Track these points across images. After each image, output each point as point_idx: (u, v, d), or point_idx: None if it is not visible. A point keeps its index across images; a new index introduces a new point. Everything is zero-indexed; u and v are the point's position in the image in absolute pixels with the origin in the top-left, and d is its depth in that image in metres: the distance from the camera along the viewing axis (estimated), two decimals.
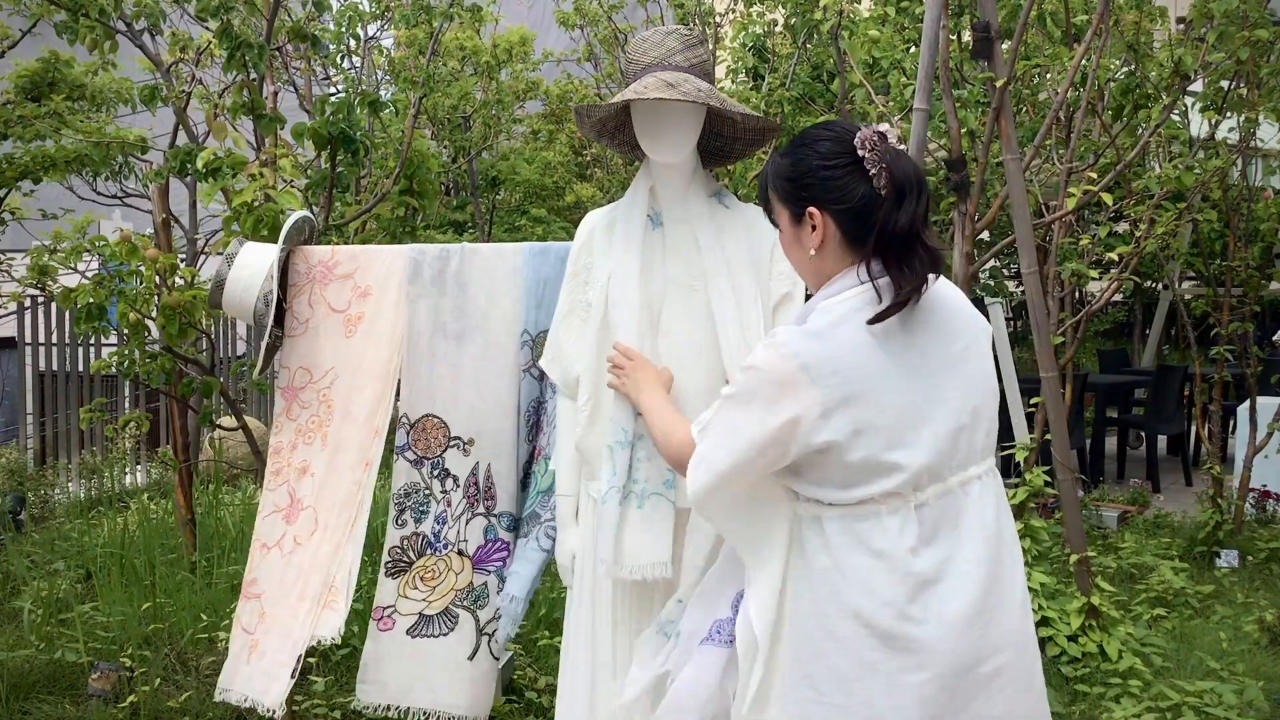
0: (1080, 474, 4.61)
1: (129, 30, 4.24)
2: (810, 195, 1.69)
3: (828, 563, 1.64)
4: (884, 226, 1.63)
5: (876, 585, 1.62)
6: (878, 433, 1.61)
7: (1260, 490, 5.87)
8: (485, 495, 2.66)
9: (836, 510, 1.65)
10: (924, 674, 1.60)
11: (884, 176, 1.63)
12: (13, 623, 4.05)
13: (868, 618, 1.61)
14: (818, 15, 4.43)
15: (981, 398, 1.70)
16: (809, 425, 1.60)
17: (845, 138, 1.67)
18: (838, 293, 1.67)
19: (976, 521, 1.67)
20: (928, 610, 1.61)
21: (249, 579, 2.71)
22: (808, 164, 1.69)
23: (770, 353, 1.63)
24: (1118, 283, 4.49)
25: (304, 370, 2.73)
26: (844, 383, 1.60)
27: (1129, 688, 3.46)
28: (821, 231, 1.69)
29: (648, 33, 2.22)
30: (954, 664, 1.62)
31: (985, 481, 1.70)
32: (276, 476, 2.74)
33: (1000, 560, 1.68)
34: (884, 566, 1.62)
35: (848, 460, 1.61)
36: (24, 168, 6.44)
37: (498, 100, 8.05)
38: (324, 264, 2.74)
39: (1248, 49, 4.08)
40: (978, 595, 1.64)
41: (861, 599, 1.62)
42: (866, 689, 1.61)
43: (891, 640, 1.61)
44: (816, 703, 1.64)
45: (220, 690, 2.68)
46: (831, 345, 1.61)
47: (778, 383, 1.61)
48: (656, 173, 2.24)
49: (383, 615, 2.64)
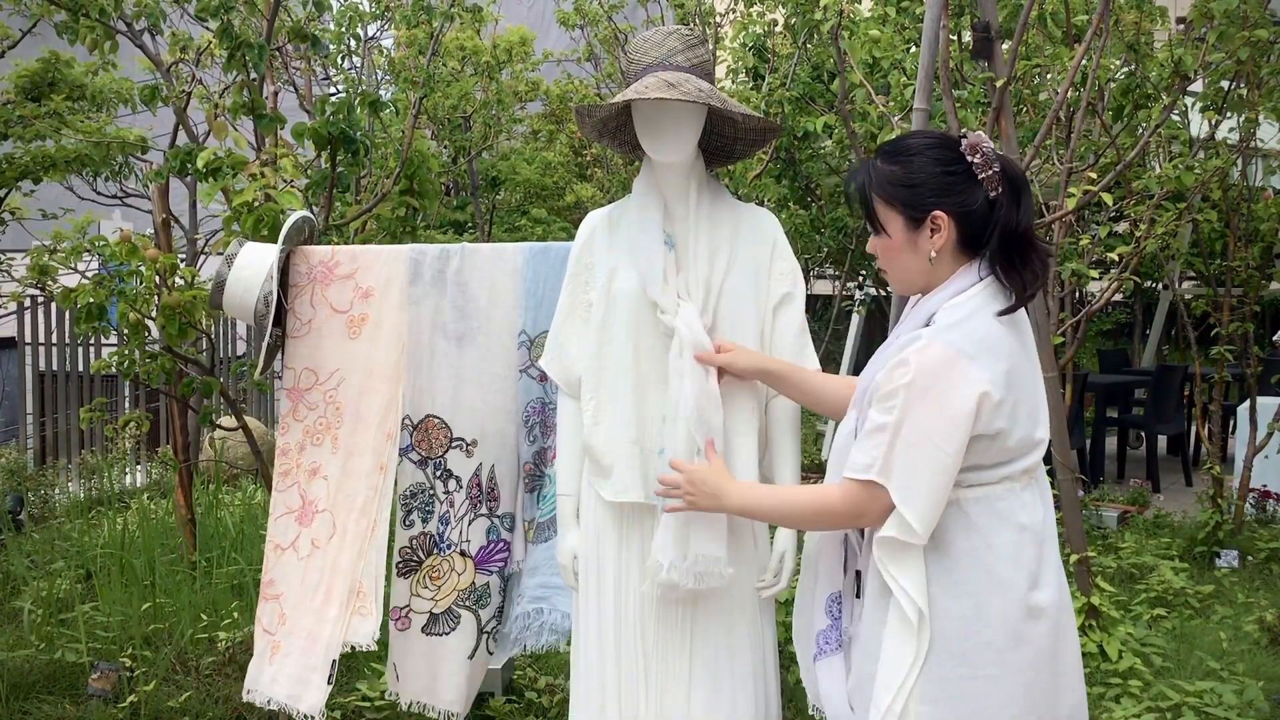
0: (1080, 474, 4.61)
1: (129, 30, 4.24)
2: (936, 200, 1.76)
3: (974, 544, 1.72)
4: (1004, 226, 1.72)
5: (1022, 558, 1.72)
6: (1028, 412, 1.72)
7: (1260, 490, 5.87)
8: (488, 496, 2.66)
9: (976, 491, 1.73)
10: (1056, 640, 1.74)
11: (997, 179, 1.73)
12: (13, 623, 4.05)
13: (1017, 590, 1.71)
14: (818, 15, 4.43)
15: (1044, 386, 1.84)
16: (992, 405, 1.67)
17: (954, 145, 1.76)
18: (960, 291, 1.75)
19: (1050, 494, 1.82)
20: (1057, 577, 1.76)
21: (266, 580, 2.72)
22: (928, 170, 1.76)
23: (931, 352, 1.68)
24: (1118, 283, 4.49)
25: (309, 371, 2.73)
26: (998, 363, 1.69)
27: (1129, 688, 3.46)
28: (946, 235, 1.76)
29: (648, 33, 2.22)
30: (1068, 628, 1.78)
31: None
32: (285, 478, 2.74)
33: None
34: (1029, 539, 1.73)
35: (1008, 445, 1.71)
36: (24, 168, 6.44)
37: (498, 100, 8.05)
38: (324, 264, 2.74)
39: (1248, 49, 4.08)
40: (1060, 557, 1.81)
41: (1011, 573, 1.71)
42: (1018, 657, 1.71)
43: (1035, 611, 1.72)
44: (972, 679, 1.71)
45: (247, 690, 2.70)
46: (975, 332, 1.70)
47: (943, 374, 1.67)
48: (657, 173, 2.24)
49: (400, 615, 2.66)
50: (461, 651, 2.66)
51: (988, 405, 1.66)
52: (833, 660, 1.91)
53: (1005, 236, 1.72)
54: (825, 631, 1.92)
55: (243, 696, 2.71)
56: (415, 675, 2.67)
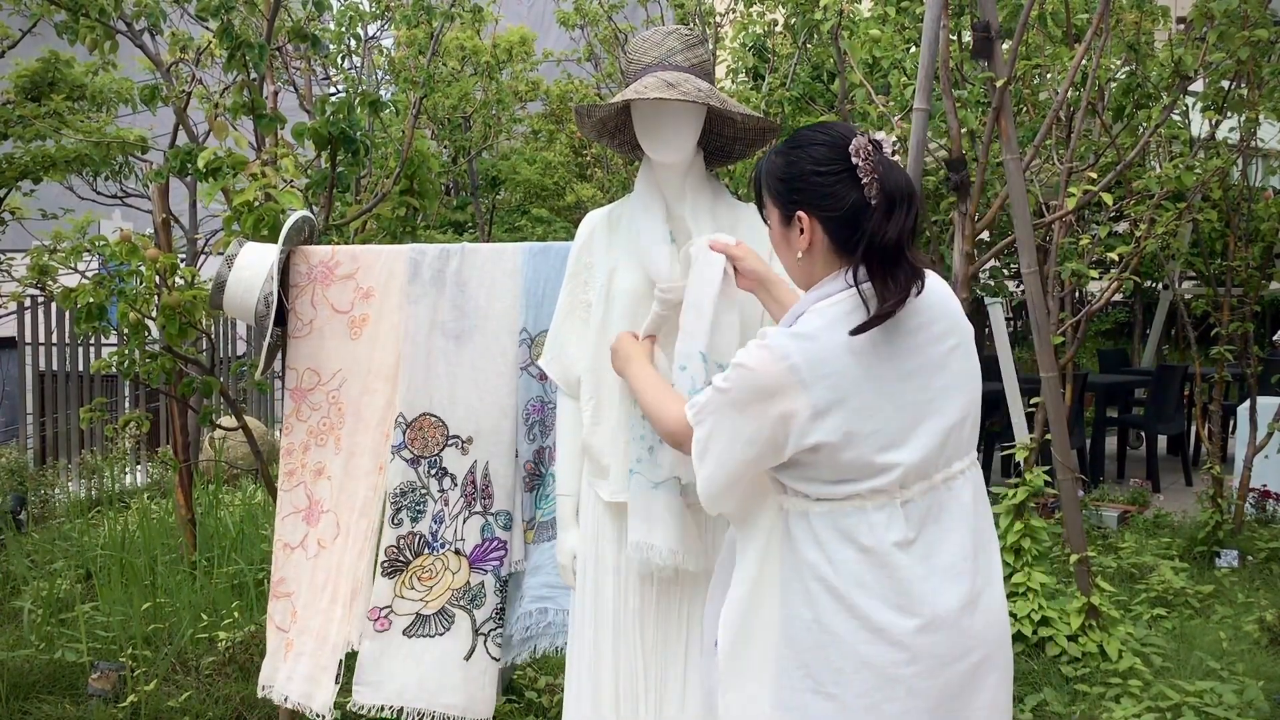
0: (1080, 474, 4.61)
1: (129, 30, 4.24)
2: (800, 200, 1.70)
3: (818, 556, 1.67)
4: (872, 237, 1.63)
5: (867, 580, 1.64)
6: (869, 434, 1.63)
7: (1260, 490, 5.87)
8: (483, 494, 2.65)
9: (824, 505, 1.67)
10: (915, 667, 1.63)
11: (875, 186, 1.64)
12: (13, 623, 4.05)
13: (861, 612, 1.63)
14: (818, 15, 4.43)
15: (969, 395, 1.72)
16: (801, 425, 1.62)
17: (840, 143, 1.67)
18: (827, 295, 1.68)
19: (959, 516, 1.70)
20: (917, 605, 1.64)
21: (276, 579, 2.73)
22: (800, 167, 1.70)
23: (761, 353, 1.65)
24: (1118, 283, 4.49)
25: (312, 372, 2.73)
26: (834, 386, 1.62)
27: (1129, 688, 3.46)
28: (809, 236, 1.71)
29: (648, 32, 2.22)
30: (944, 656, 1.64)
31: (968, 475, 1.72)
32: (291, 478, 2.75)
33: (983, 551, 1.72)
34: (872, 561, 1.64)
35: (839, 459, 1.64)
36: (24, 168, 6.44)
37: (498, 100, 8.05)
38: (324, 264, 2.74)
39: (1248, 49, 4.08)
40: (964, 589, 1.67)
41: (854, 593, 1.64)
42: (863, 682, 1.64)
43: (883, 634, 1.63)
44: (815, 693, 1.66)
45: (263, 687, 2.71)
46: (821, 348, 1.63)
47: (767, 384, 1.63)
48: (657, 172, 2.24)
49: (379, 615, 2.63)
50: (456, 653, 2.63)
51: (797, 423, 1.63)
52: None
53: (871, 247, 1.63)
54: None
55: (258, 692, 2.71)
56: (391, 678, 2.62)
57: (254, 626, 3.74)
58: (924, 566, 1.65)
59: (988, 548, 1.74)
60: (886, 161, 1.66)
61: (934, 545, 1.67)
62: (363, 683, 2.62)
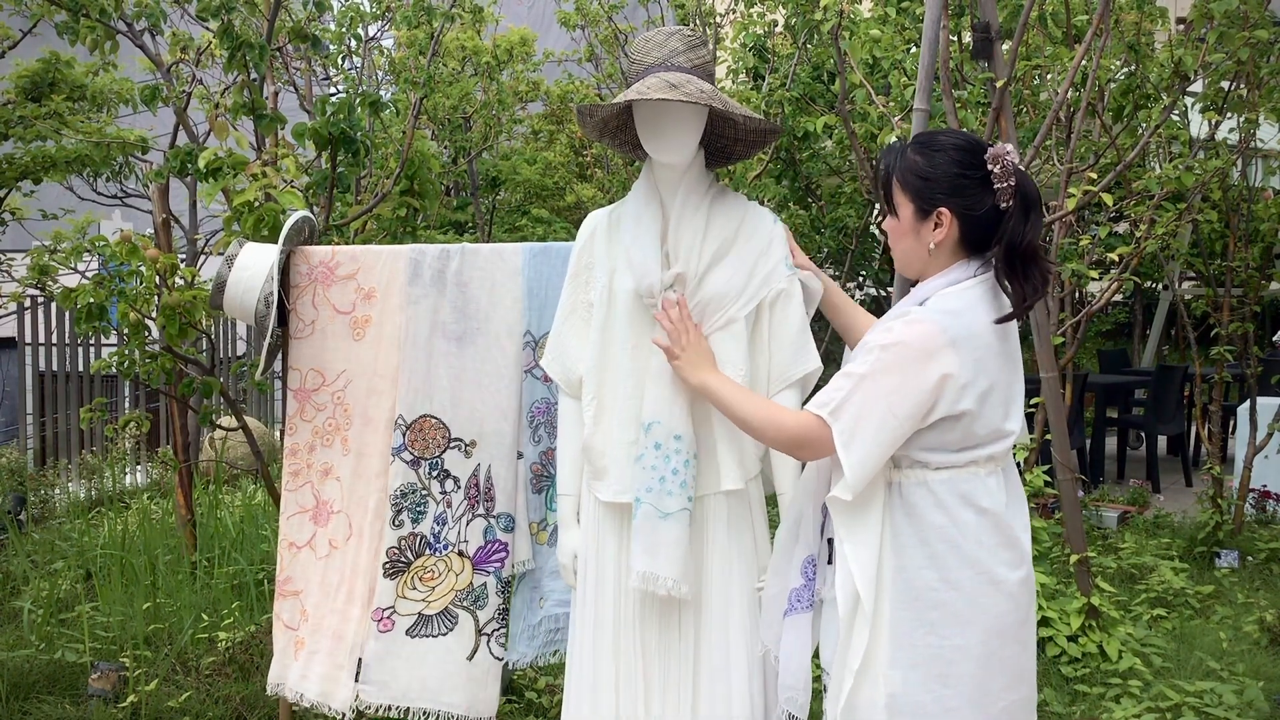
0: (1080, 474, 4.61)
1: (129, 30, 4.24)
2: (942, 198, 1.88)
3: (943, 520, 1.85)
4: (1012, 238, 1.83)
5: (985, 539, 1.85)
6: (996, 405, 1.85)
7: (1260, 490, 5.88)
8: (485, 497, 2.66)
9: (944, 474, 1.86)
10: (1016, 616, 1.87)
11: (1009, 192, 1.83)
12: (13, 623, 4.05)
13: (984, 566, 1.84)
14: (818, 15, 4.43)
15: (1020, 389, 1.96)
16: (955, 388, 1.81)
17: (979, 150, 1.87)
18: (956, 282, 1.88)
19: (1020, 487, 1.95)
20: (1022, 559, 1.88)
21: (282, 578, 2.74)
22: (945, 169, 1.87)
23: (913, 326, 1.81)
24: (1118, 283, 4.49)
25: (315, 372, 2.74)
26: (977, 358, 1.82)
27: (1129, 688, 3.46)
28: (946, 231, 1.89)
29: (650, 33, 2.22)
30: (1030, 603, 1.91)
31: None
32: (296, 478, 2.75)
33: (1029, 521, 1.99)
34: (989, 522, 1.85)
35: (974, 427, 1.84)
36: (24, 168, 6.44)
37: (498, 101, 8.05)
38: (325, 265, 2.74)
39: (1248, 49, 4.08)
40: (1029, 545, 1.92)
41: (978, 550, 1.84)
42: (982, 629, 1.84)
43: (999, 586, 1.85)
44: (939, 646, 1.84)
45: (273, 685, 2.71)
46: (967, 322, 1.83)
47: (926, 350, 1.80)
48: (658, 173, 2.24)
49: (382, 616, 2.64)
50: (460, 652, 2.65)
51: (952, 387, 1.80)
52: (800, 619, 2.03)
53: (1010, 247, 1.83)
54: (799, 590, 2.04)
55: (268, 690, 2.72)
56: (395, 678, 2.64)
57: (254, 626, 3.74)
58: (1020, 524, 1.89)
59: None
60: (1020, 170, 1.84)
61: (1017, 506, 1.91)
62: (369, 682, 2.64)
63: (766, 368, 2.26)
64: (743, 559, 2.22)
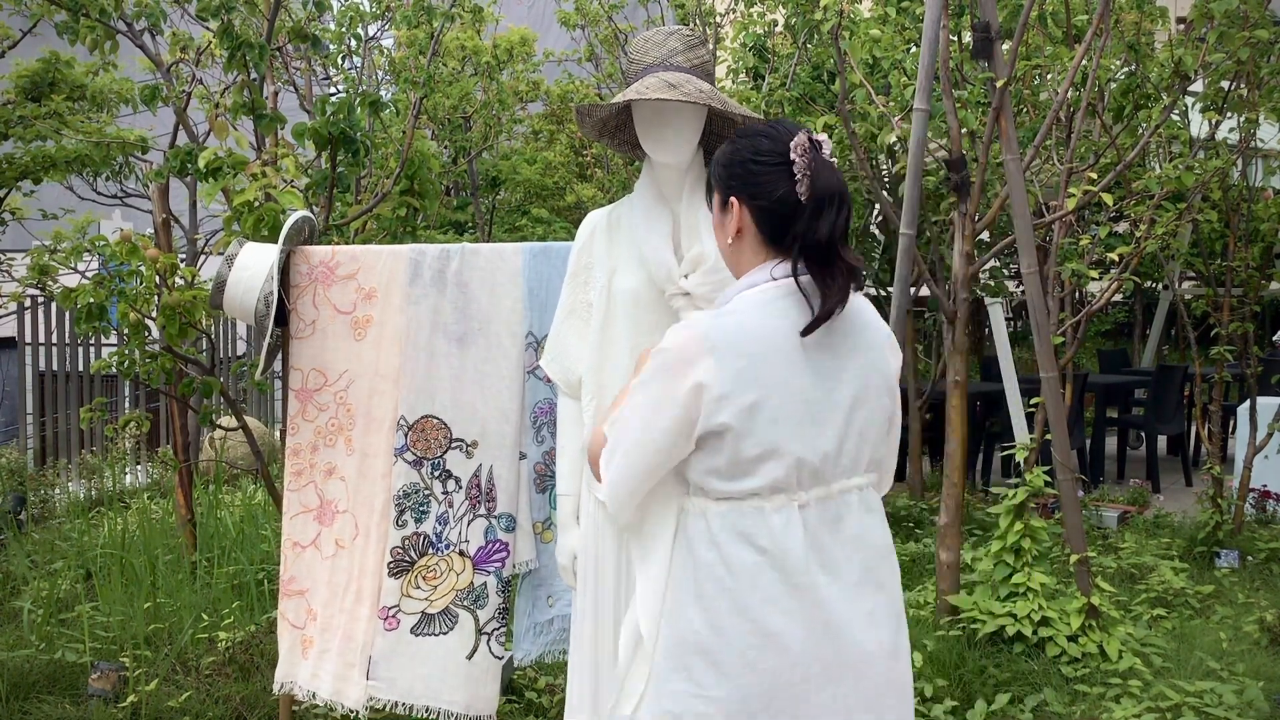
0: (1080, 474, 4.61)
1: (129, 30, 4.24)
2: (735, 186, 1.75)
3: (714, 557, 1.66)
4: (804, 235, 1.66)
5: (761, 582, 1.64)
6: (772, 423, 1.64)
7: (1260, 490, 5.87)
8: (487, 497, 2.66)
9: (723, 505, 1.67)
10: (797, 673, 1.63)
11: (806, 183, 1.67)
12: (13, 623, 4.05)
13: (755, 615, 1.63)
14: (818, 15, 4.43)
15: (874, 413, 1.73)
16: (712, 400, 1.63)
17: (784, 138, 1.71)
18: (752, 284, 1.72)
19: (854, 531, 1.71)
20: (806, 615, 1.64)
21: (286, 577, 2.74)
22: (741, 155, 1.74)
23: (680, 333, 1.68)
24: (1118, 283, 4.49)
25: (317, 372, 2.74)
26: (746, 366, 1.64)
27: (1129, 688, 3.46)
28: (737, 222, 1.75)
29: (650, 33, 2.22)
30: (821, 667, 1.65)
31: (865, 494, 1.74)
32: (299, 477, 2.75)
33: (874, 570, 1.72)
34: (767, 563, 1.64)
35: (741, 448, 1.64)
36: (24, 168, 6.45)
37: (498, 100, 8.05)
38: (325, 265, 2.74)
39: (1248, 49, 4.08)
40: (847, 603, 1.67)
41: (750, 596, 1.64)
42: (746, 684, 1.63)
43: (772, 639, 1.63)
44: (695, 696, 1.65)
45: (281, 684, 2.72)
46: (738, 325, 1.67)
47: (683, 358, 1.65)
48: (658, 173, 2.24)
49: (388, 615, 2.65)
50: (460, 650, 2.66)
51: (707, 398, 1.62)
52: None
53: (804, 246, 1.66)
54: None
55: (275, 689, 2.72)
56: (401, 675, 2.67)
57: (254, 626, 3.74)
58: (814, 575, 1.65)
59: (883, 568, 1.73)
60: (822, 161, 1.69)
61: (831, 556, 1.67)
62: (378, 678, 2.66)
63: None
64: None
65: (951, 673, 3.58)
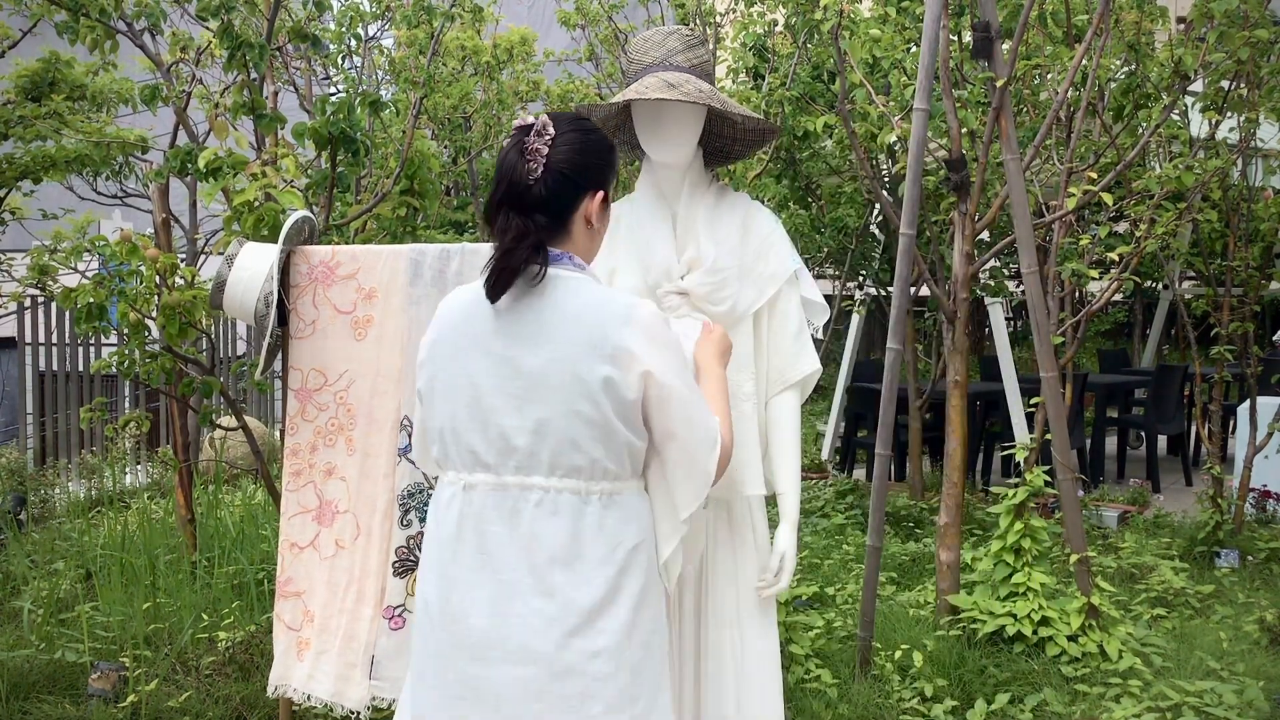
0: (1080, 474, 4.61)
1: (129, 30, 4.23)
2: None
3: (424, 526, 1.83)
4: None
5: (428, 551, 1.75)
6: (444, 400, 1.71)
7: (1260, 490, 5.87)
8: None
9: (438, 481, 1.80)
10: (432, 644, 1.71)
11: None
12: (13, 623, 4.05)
13: (420, 580, 1.77)
14: (818, 15, 4.42)
15: (557, 414, 1.66)
16: (418, 363, 1.79)
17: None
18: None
19: (527, 530, 1.67)
20: (443, 590, 1.70)
21: (283, 578, 2.74)
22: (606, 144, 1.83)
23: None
24: (1118, 283, 4.49)
25: (317, 372, 2.73)
26: (435, 340, 1.75)
27: (1129, 688, 3.46)
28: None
29: (649, 33, 2.22)
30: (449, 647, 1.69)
31: (553, 496, 1.67)
32: (298, 477, 2.75)
33: (544, 576, 1.66)
34: (431, 534, 1.75)
35: (425, 416, 1.77)
36: (24, 168, 6.44)
37: (498, 100, 8.05)
38: (325, 264, 2.74)
39: (1248, 49, 4.08)
40: (477, 591, 1.68)
41: (421, 561, 1.78)
42: (416, 646, 1.77)
43: (426, 607, 1.73)
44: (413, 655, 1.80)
45: (276, 686, 2.72)
46: (448, 301, 1.78)
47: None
48: (658, 172, 2.24)
49: (393, 614, 2.66)
50: None
51: (418, 360, 1.78)
52: None
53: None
54: None
55: (270, 692, 2.72)
56: (405, 674, 2.67)
57: (254, 626, 3.74)
58: (474, 560, 1.67)
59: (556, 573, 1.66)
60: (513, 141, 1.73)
61: (494, 545, 1.67)
62: (381, 678, 2.66)
63: (765, 368, 2.26)
64: (744, 559, 2.22)
65: (951, 673, 3.58)
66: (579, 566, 1.66)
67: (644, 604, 1.69)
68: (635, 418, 1.67)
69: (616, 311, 1.66)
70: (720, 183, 2.32)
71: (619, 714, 1.64)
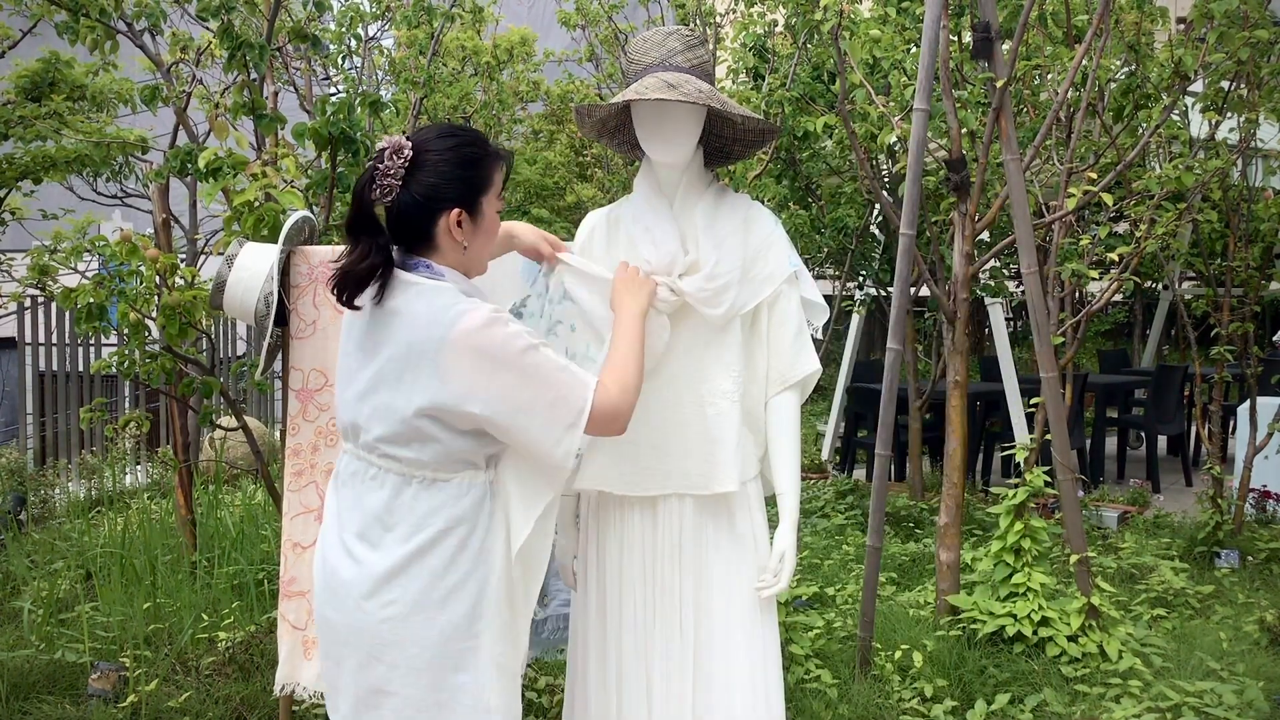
0: (1080, 474, 4.61)
1: (129, 30, 4.24)
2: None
3: None
4: None
5: (329, 510, 1.96)
6: (338, 379, 1.95)
7: (1260, 490, 5.87)
8: None
9: None
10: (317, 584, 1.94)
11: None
12: (13, 623, 4.05)
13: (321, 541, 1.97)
14: (818, 15, 4.42)
15: (385, 410, 1.84)
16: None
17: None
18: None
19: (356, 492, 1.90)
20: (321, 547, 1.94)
21: (286, 578, 2.74)
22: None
23: None
24: (1118, 283, 4.49)
25: (317, 372, 2.73)
26: (345, 329, 1.96)
27: (1129, 688, 3.46)
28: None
29: (649, 33, 2.22)
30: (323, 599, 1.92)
31: (382, 475, 1.87)
32: (299, 478, 2.74)
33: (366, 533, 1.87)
34: (330, 496, 1.96)
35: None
36: (24, 168, 6.44)
37: (499, 101, 8.05)
38: (325, 265, 2.74)
39: (1248, 49, 4.08)
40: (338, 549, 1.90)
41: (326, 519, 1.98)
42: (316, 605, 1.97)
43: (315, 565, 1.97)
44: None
45: (283, 686, 2.71)
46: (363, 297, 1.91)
47: None
48: (657, 172, 2.24)
49: None
50: None
51: None
52: None
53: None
54: None
55: (276, 691, 2.72)
56: None
57: (254, 626, 3.74)
58: (338, 520, 1.91)
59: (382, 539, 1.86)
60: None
61: (347, 505, 1.91)
62: None
63: (765, 368, 2.26)
64: (743, 559, 2.22)
65: (951, 673, 3.58)
66: (385, 538, 1.85)
67: (448, 585, 1.83)
68: (458, 427, 1.82)
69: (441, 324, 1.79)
70: (720, 183, 2.32)
71: (406, 679, 1.83)
